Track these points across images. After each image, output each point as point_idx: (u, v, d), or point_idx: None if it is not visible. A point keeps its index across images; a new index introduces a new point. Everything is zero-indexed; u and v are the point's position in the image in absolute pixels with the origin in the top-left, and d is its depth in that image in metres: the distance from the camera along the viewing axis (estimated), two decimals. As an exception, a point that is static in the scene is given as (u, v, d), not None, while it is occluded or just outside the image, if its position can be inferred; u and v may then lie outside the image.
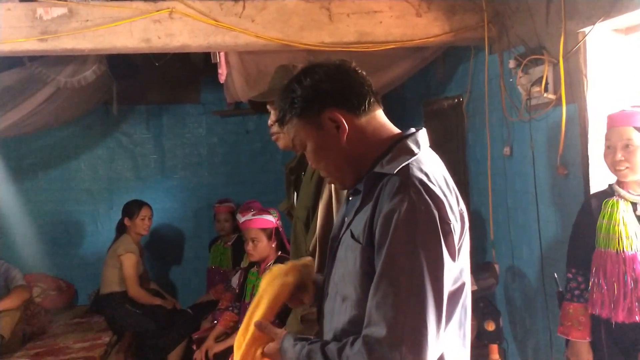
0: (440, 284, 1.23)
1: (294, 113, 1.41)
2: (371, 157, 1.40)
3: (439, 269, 1.23)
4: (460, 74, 4.23)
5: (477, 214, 4.06)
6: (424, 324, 1.20)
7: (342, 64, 1.42)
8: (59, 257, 5.40)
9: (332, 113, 1.38)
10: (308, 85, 1.39)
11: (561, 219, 3.19)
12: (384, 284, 1.23)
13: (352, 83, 1.41)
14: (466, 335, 1.39)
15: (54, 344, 4.20)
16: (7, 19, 3.20)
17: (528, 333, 3.58)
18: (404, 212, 1.23)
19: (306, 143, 1.44)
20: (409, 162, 1.32)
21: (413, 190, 1.26)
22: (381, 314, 1.21)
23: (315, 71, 1.41)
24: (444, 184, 1.33)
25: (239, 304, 3.80)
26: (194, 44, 3.38)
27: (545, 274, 3.29)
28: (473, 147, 4.11)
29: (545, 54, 3.15)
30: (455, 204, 1.32)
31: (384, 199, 1.29)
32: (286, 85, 1.44)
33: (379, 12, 3.53)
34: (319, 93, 1.39)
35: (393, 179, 1.30)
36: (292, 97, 1.41)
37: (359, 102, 1.40)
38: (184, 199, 5.73)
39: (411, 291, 1.21)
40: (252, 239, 3.54)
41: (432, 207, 1.25)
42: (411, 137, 1.40)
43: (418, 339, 1.20)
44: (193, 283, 5.58)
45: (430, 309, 1.21)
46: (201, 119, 5.77)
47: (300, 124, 1.42)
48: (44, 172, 5.52)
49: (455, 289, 1.31)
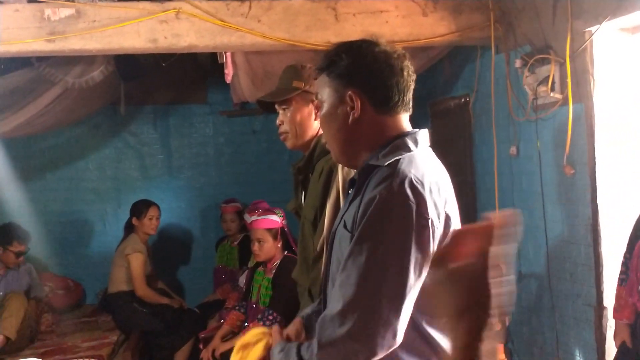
0: (403, 274, 1.25)
1: (329, 73, 1.45)
2: (368, 151, 1.44)
3: (404, 258, 1.25)
4: (466, 74, 4.23)
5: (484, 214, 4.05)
6: (377, 305, 1.23)
7: (395, 58, 1.43)
8: (67, 257, 5.43)
9: (355, 95, 1.42)
10: (352, 59, 1.43)
11: (568, 218, 3.19)
12: (349, 265, 1.28)
13: (389, 80, 1.42)
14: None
15: (62, 342, 4.23)
16: (15, 20, 3.23)
17: (534, 333, 3.57)
18: (380, 201, 1.28)
19: (324, 101, 1.48)
20: (401, 157, 1.36)
21: (397, 181, 1.29)
22: (341, 292, 1.27)
23: (367, 52, 1.43)
24: (433, 184, 1.34)
25: (245, 303, 3.82)
26: (201, 44, 3.40)
27: (551, 274, 3.28)
28: (479, 147, 4.11)
29: (551, 54, 3.15)
30: (442, 204, 1.33)
31: (370, 187, 1.34)
32: (341, 46, 1.47)
33: (385, 11, 3.54)
34: (355, 72, 1.42)
35: (382, 170, 1.35)
36: (335, 59, 1.44)
37: (384, 99, 1.43)
38: (191, 198, 5.75)
39: (371, 274, 1.25)
40: (258, 239, 3.56)
41: (411, 201, 1.27)
42: (410, 135, 1.43)
43: (369, 320, 1.23)
44: (200, 282, 5.59)
45: (388, 293, 1.24)
46: (208, 119, 5.79)
47: (328, 85, 1.46)
48: (52, 172, 5.55)
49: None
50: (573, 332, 3.16)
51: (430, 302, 1.30)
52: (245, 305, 3.79)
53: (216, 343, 3.64)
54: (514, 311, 3.76)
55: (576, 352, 3.19)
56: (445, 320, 0.82)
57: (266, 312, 3.43)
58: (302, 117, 2.25)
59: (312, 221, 2.21)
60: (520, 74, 3.41)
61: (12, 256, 4.35)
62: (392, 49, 1.44)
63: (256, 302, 3.64)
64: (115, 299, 4.64)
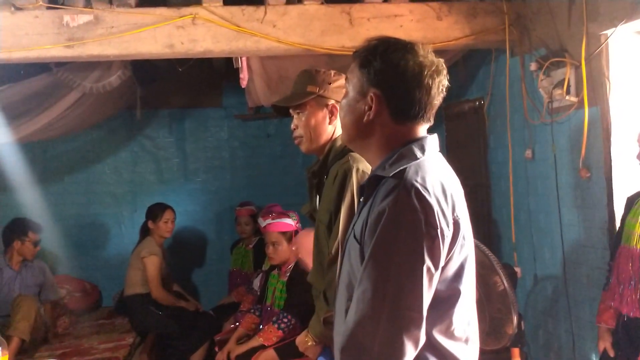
0: (418, 286, 1.26)
1: (361, 66, 1.44)
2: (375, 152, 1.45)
3: (418, 272, 1.26)
4: (481, 77, 4.22)
5: (499, 217, 4.04)
6: (397, 318, 1.25)
7: (428, 74, 1.39)
8: (83, 259, 5.48)
9: (376, 97, 1.41)
10: (385, 64, 1.40)
11: (584, 222, 3.17)
12: (364, 280, 1.28)
13: (413, 94, 1.40)
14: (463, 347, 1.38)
15: (79, 344, 4.27)
16: (34, 26, 3.28)
17: (550, 337, 3.55)
18: (389, 214, 1.28)
19: (349, 89, 1.49)
20: (407, 166, 1.35)
21: (403, 193, 1.29)
22: (359, 307, 1.27)
23: (401, 60, 1.40)
24: (439, 191, 1.33)
25: (260, 306, 3.83)
26: (217, 49, 3.43)
27: (567, 278, 3.27)
28: (494, 150, 4.10)
29: (567, 57, 3.14)
30: (450, 211, 1.33)
31: (377, 200, 1.33)
32: (380, 44, 1.44)
33: (399, 15, 3.55)
34: (383, 77, 1.41)
35: (389, 181, 1.34)
36: (369, 57, 1.43)
37: (403, 110, 1.41)
38: (206, 202, 5.79)
39: (387, 289, 1.25)
40: (273, 242, 3.58)
41: (419, 211, 1.27)
42: (418, 142, 1.42)
43: (391, 334, 1.24)
44: (215, 285, 5.62)
45: (405, 306, 1.25)
46: (223, 122, 5.83)
47: (357, 75, 1.45)
48: (69, 176, 5.61)
49: (448, 295, 1.33)
50: (590, 336, 3.14)
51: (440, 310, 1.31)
52: (260, 308, 3.81)
53: (231, 345, 3.65)
54: (530, 315, 3.75)
55: (592, 357, 3.16)
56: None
57: (281, 315, 3.45)
58: (317, 121, 2.27)
59: (327, 224, 2.22)
60: (535, 77, 3.40)
61: (31, 246, 4.42)
62: (429, 62, 1.40)
63: (271, 305, 3.65)
64: (131, 301, 4.68)
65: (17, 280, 4.38)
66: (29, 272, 4.46)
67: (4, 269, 4.35)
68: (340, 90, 2.24)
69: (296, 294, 3.46)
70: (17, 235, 4.37)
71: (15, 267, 4.39)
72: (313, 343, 2.38)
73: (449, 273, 1.33)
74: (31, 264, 4.50)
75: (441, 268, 1.30)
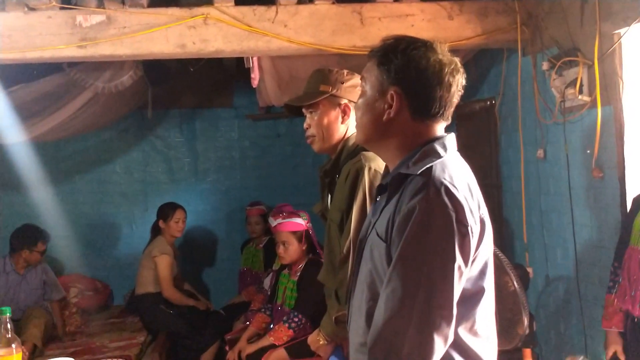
0: (450, 284, 1.25)
1: (379, 64, 1.43)
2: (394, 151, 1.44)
3: (449, 269, 1.25)
4: (492, 76, 4.21)
5: (511, 217, 4.03)
6: (429, 316, 1.24)
7: (448, 72, 1.40)
8: (95, 258, 5.52)
9: (396, 95, 1.40)
10: (406, 61, 1.39)
11: (597, 222, 3.16)
12: (394, 279, 1.27)
13: (434, 92, 1.39)
14: (485, 345, 1.38)
15: (90, 342, 4.30)
16: (48, 26, 3.31)
17: (562, 337, 3.54)
18: (420, 212, 1.27)
19: (366, 89, 1.47)
20: (433, 164, 1.35)
21: (433, 190, 1.29)
22: (389, 306, 1.26)
23: (422, 58, 1.39)
24: (465, 188, 1.34)
25: (270, 305, 3.84)
26: (228, 49, 3.44)
27: (580, 278, 3.25)
28: (506, 150, 4.08)
29: (579, 56, 3.12)
30: (476, 208, 1.33)
31: (405, 198, 1.32)
32: (400, 41, 1.43)
33: (410, 15, 3.54)
34: (404, 75, 1.40)
35: (416, 179, 1.33)
36: (389, 54, 1.42)
37: (423, 109, 1.41)
38: (217, 201, 5.81)
39: (418, 286, 1.24)
40: (283, 242, 3.58)
41: (450, 209, 1.27)
42: (439, 140, 1.42)
43: (422, 333, 1.23)
44: (225, 284, 5.64)
45: (437, 303, 1.24)
46: (233, 122, 5.84)
47: (375, 74, 1.44)
48: (81, 175, 5.64)
49: (473, 292, 1.33)
50: (602, 337, 3.12)
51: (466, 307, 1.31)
52: (271, 308, 3.82)
53: (242, 344, 3.66)
54: (542, 315, 3.73)
55: (604, 358, 3.14)
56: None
57: (291, 315, 3.46)
58: (329, 120, 2.27)
59: (339, 224, 2.22)
60: (548, 77, 3.38)
61: (38, 256, 4.47)
62: (448, 60, 1.41)
63: (281, 304, 3.66)
64: (143, 300, 4.71)
65: (23, 284, 4.43)
66: (32, 275, 4.49)
67: (10, 273, 4.40)
68: (353, 89, 2.24)
69: (307, 293, 3.47)
70: (27, 245, 4.41)
71: (20, 272, 4.44)
72: (325, 342, 2.39)
73: (475, 271, 1.33)
74: (35, 267, 4.52)
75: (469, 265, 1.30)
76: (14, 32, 3.27)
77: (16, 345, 2.04)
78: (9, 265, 4.41)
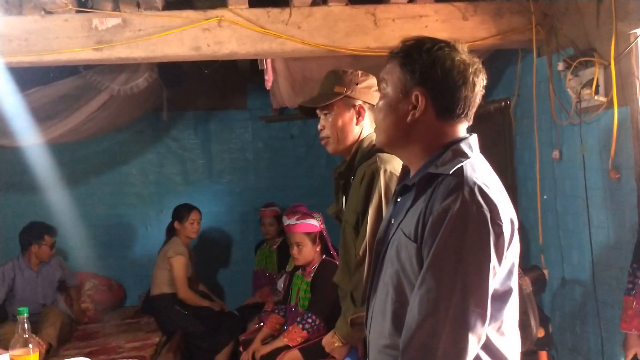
0: (485, 283, 1.25)
1: (402, 65, 1.42)
2: (417, 151, 1.43)
3: (485, 269, 1.25)
4: (507, 77, 4.19)
5: (526, 219, 4.00)
6: (466, 316, 1.23)
7: (472, 71, 1.40)
8: (110, 259, 5.55)
9: (421, 96, 1.39)
10: (431, 61, 1.38)
11: (613, 224, 3.13)
12: (428, 279, 1.26)
13: (459, 92, 1.39)
14: (510, 344, 1.37)
15: (106, 343, 4.33)
16: (64, 30, 3.34)
17: (578, 340, 3.51)
18: (456, 212, 1.26)
19: (388, 90, 1.45)
20: (463, 164, 1.34)
21: (467, 190, 1.28)
22: (424, 307, 1.25)
23: (447, 57, 1.38)
24: (496, 188, 1.34)
25: (284, 306, 3.85)
26: (242, 51, 3.45)
27: (596, 280, 3.22)
28: (521, 151, 4.06)
29: (595, 56, 3.10)
30: (507, 208, 1.33)
31: (437, 198, 1.31)
32: (422, 41, 1.42)
33: (424, 16, 3.53)
34: (430, 74, 1.38)
35: (448, 179, 1.32)
36: (413, 54, 1.40)
37: (448, 108, 1.40)
38: (231, 202, 5.83)
39: (455, 288, 1.23)
40: (297, 243, 3.58)
41: (484, 208, 1.26)
42: (464, 140, 1.42)
43: (457, 334, 1.23)
44: (239, 285, 5.65)
45: (474, 303, 1.24)
46: (247, 124, 5.86)
47: (397, 75, 1.43)
48: (96, 177, 5.69)
49: (502, 292, 1.32)
50: (619, 340, 3.09)
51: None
52: (284, 309, 3.82)
53: (256, 346, 3.67)
54: (558, 318, 3.70)
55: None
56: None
57: (305, 316, 3.46)
58: (344, 122, 2.27)
59: (354, 225, 2.22)
60: (563, 77, 3.36)
61: (47, 249, 4.57)
62: (471, 60, 1.41)
63: (295, 305, 3.66)
64: (157, 301, 4.74)
65: (39, 279, 4.53)
66: (47, 270, 4.61)
67: (24, 270, 4.50)
68: (368, 90, 2.24)
69: (320, 294, 3.47)
70: (34, 239, 4.53)
71: (34, 268, 4.54)
72: (340, 344, 2.39)
73: (505, 270, 1.32)
74: (49, 262, 4.65)
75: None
76: (31, 36, 3.31)
77: (33, 345, 2.06)
78: (23, 263, 4.52)
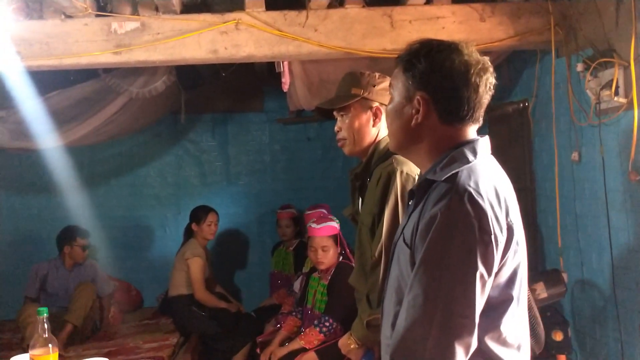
0: (470, 292, 1.24)
1: (405, 70, 1.43)
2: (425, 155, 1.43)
3: (470, 278, 1.24)
4: (525, 78, 4.16)
5: (544, 221, 3.96)
6: (450, 324, 1.23)
7: (475, 72, 1.38)
8: (128, 261, 5.61)
9: (422, 100, 1.39)
10: (429, 65, 1.38)
11: (634, 226, 3.09)
12: (415, 285, 1.27)
13: (460, 94, 1.38)
14: (515, 355, 1.35)
15: (125, 343, 4.37)
16: (84, 34, 3.38)
17: (597, 344, 3.47)
18: (442, 219, 1.26)
19: (394, 95, 1.47)
20: (459, 170, 1.33)
21: (456, 198, 1.27)
22: (410, 313, 1.26)
23: (446, 60, 1.38)
24: (492, 195, 1.31)
25: (301, 308, 3.85)
26: (259, 54, 3.47)
27: (616, 283, 3.18)
28: (539, 153, 4.03)
29: (615, 57, 3.06)
30: (503, 216, 1.31)
31: (429, 204, 1.32)
32: (424, 45, 1.42)
33: (441, 17, 3.52)
34: (429, 78, 1.39)
35: (440, 186, 1.33)
36: (413, 59, 1.41)
37: (451, 111, 1.39)
38: (248, 204, 5.85)
39: (439, 294, 1.24)
40: (323, 247, 3.55)
41: (472, 217, 1.25)
42: (469, 144, 1.40)
43: (443, 341, 1.23)
44: (256, 287, 5.68)
45: (458, 312, 1.23)
46: (264, 126, 5.89)
47: (401, 80, 1.44)
48: (115, 179, 5.75)
49: (500, 301, 1.31)
50: (639, 344, 3.05)
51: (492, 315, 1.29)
52: (301, 311, 3.83)
53: (274, 348, 3.68)
54: (577, 321, 3.66)
55: (643, 365, 3.08)
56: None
57: (322, 319, 3.46)
58: (361, 123, 2.27)
59: (370, 227, 2.22)
60: (582, 78, 3.33)
61: (80, 250, 4.72)
62: (474, 60, 1.39)
63: (312, 307, 3.66)
64: (175, 302, 4.76)
65: (71, 277, 4.69)
66: (80, 271, 4.75)
67: (60, 269, 4.71)
68: (385, 92, 2.24)
69: (337, 297, 3.47)
70: (67, 241, 4.72)
71: (68, 268, 4.73)
72: (356, 346, 2.38)
73: (502, 279, 1.31)
74: (83, 264, 4.78)
75: (494, 274, 1.28)
76: (52, 40, 3.35)
77: (52, 346, 2.09)
78: (59, 262, 4.73)
